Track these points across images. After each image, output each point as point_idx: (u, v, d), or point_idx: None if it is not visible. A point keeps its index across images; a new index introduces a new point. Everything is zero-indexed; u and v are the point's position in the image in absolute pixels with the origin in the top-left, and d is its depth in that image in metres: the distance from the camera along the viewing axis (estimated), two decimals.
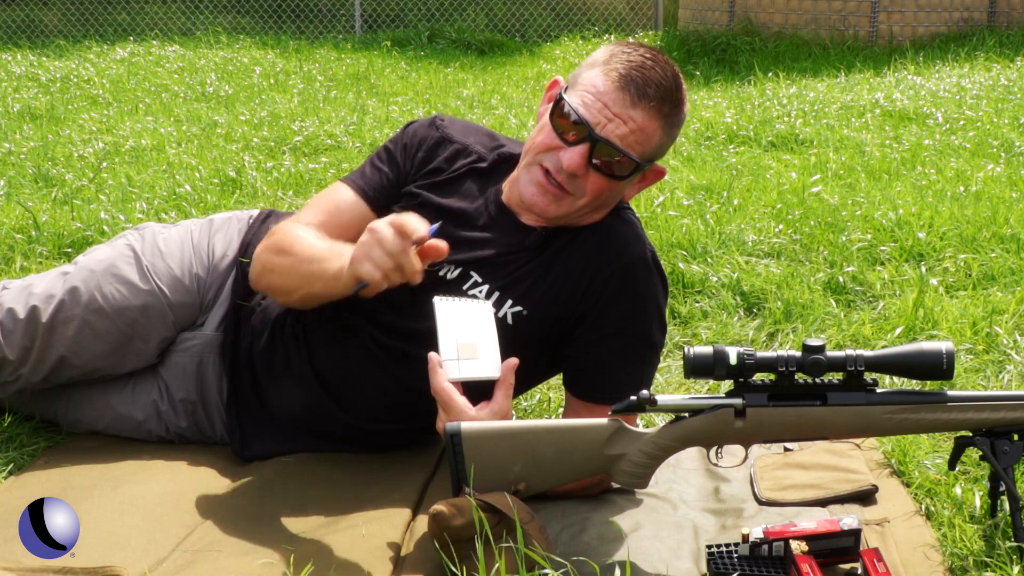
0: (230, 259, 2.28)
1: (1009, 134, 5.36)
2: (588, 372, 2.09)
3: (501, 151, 2.18)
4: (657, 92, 1.97)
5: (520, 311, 2.06)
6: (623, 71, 1.97)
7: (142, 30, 10.87)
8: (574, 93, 2.00)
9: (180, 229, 2.33)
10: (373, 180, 2.18)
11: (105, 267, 2.20)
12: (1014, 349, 2.68)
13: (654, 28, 11.32)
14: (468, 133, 2.22)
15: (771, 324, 2.98)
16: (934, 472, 2.09)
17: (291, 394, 2.16)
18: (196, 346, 2.22)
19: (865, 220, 3.71)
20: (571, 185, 2.00)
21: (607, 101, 1.96)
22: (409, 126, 2.24)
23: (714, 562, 1.76)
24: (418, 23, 11.42)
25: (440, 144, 2.19)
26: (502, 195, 2.13)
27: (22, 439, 2.22)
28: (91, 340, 2.16)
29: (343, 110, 6.55)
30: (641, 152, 1.99)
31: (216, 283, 2.26)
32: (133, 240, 2.28)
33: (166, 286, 2.20)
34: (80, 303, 2.15)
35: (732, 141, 5.49)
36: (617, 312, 2.06)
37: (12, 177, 4.51)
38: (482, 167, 2.17)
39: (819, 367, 1.76)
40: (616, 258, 2.06)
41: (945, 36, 9.24)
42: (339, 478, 2.10)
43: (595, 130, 1.96)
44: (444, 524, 1.70)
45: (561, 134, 1.99)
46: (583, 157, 1.97)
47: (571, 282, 2.07)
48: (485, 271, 2.08)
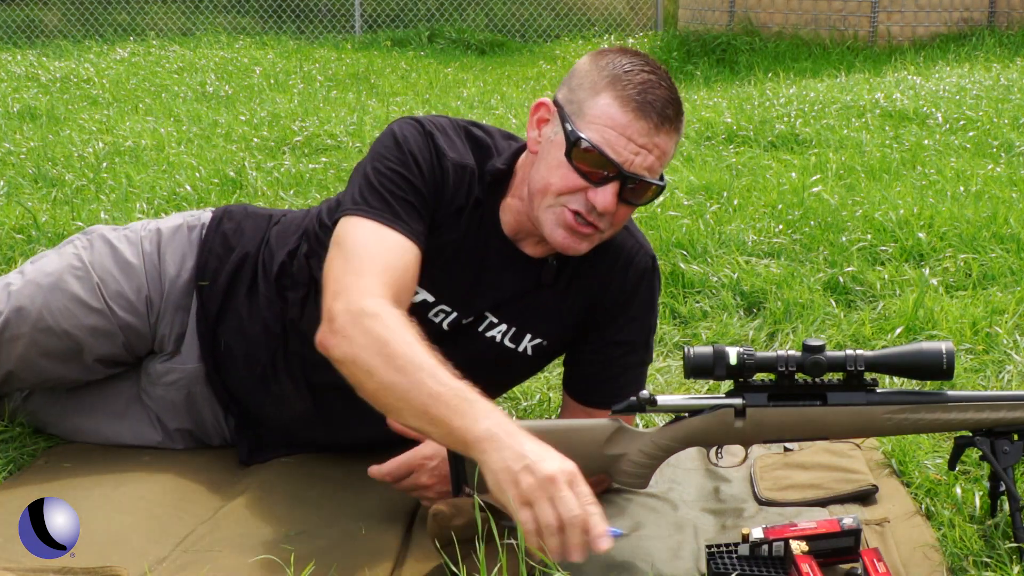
0: (184, 280, 2.15)
1: (1009, 134, 5.36)
2: (591, 379, 2.09)
3: (490, 170, 1.99)
4: (674, 110, 1.85)
5: (540, 343, 2.06)
6: (638, 97, 1.82)
7: (142, 30, 10.87)
8: (588, 127, 1.83)
9: (129, 237, 2.20)
10: (415, 220, 1.91)
11: (53, 282, 2.10)
12: (1014, 349, 2.68)
13: (654, 28, 11.32)
14: (461, 150, 2.00)
15: (771, 324, 2.98)
16: (934, 472, 2.09)
17: (293, 425, 2.15)
18: (181, 380, 2.16)
19: (865, 220, 3.71)
20: (603, 223, 1.89)
21: (631, 134, 1.82)
22: (409, 145, 1.95)
23: (714, 562, 1.75)
24: (418, 23, 11.42)
25: (456, 173, 1.97)
26: (501, 225, 2.00)
27: (22, 439, 2.22)
28: (38, 356, 2.09)
29: (343, 110, 6.55)
30: (662, 173, 1.91)
31: (170, 307, 2.15)
32: (82, 249, 2.17)
33: (117, 306, 2.11)
34: (28, 321, 2.07)
35: (732, 141, 5.49)
36: (625, 322, 2.07)
37: (12, 177, 4.50)
38: (477, 196, 1.99)
39: (819, 367, 1.76)
40: (624, 271, 2.05)
41: (945, 36, 9.24)
42: (339, 478, 2.10)
43: (624, 168, 1.82)
44: (444, 524, 1.70)
45: (585, 175, 1.84)
46: (615, 195, 1.84)
47: (586, 303, 2.05)
48: (501, 312, 2.04)
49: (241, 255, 2.15)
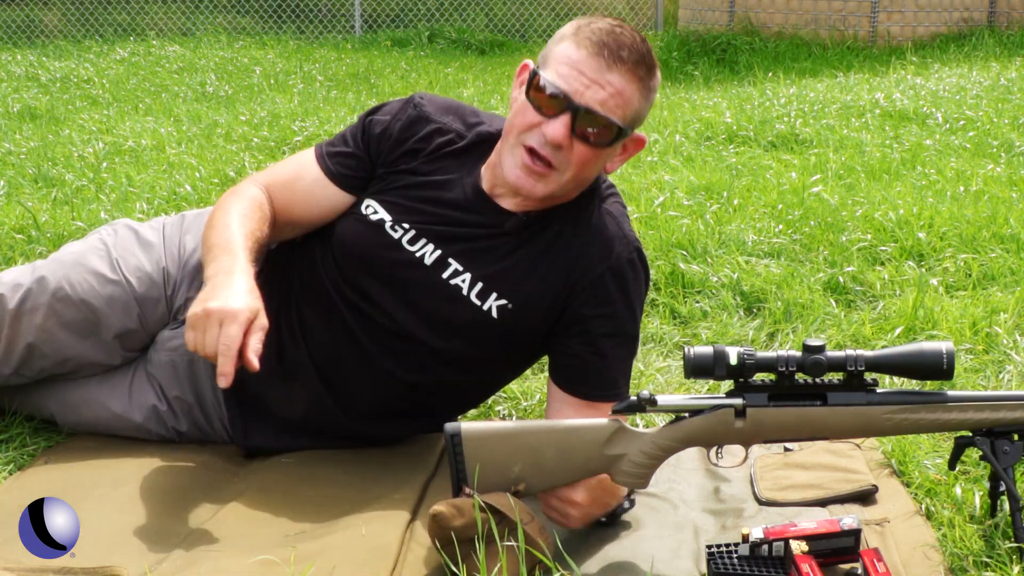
0: (201, 255, 2.22)
1: (1009, 134, 5.36)
2: (574, 368, 2.07)
3: (479, 130, 2.13)
4: (631, 55, 1.93)
5: (505, 304, 2.04)
6: (594, 38, 1.93)
7: (142, 30, 10.87)
8: (547, 69, 1.96)
9: (153, 225, 2.32)
10: (341, 163, 2.16)
11: (75, 259, 2.19)
12: (1014, 349, 2.68)
13: (654, 28, 11.32)
14: (447, 112, 2.17)
15: (771, 324, 2.98)
16: (934, 472, 2.09)
17: (289, 389, 2.15)
18: (184, 346, 2.15)
19: (865, 220, 3.71)
20: (556, 159, 1.95)
21: (582, 68, 1.92)
22: (386, 104, 2.21)
23: (714, 562, 1.76)
24: (418, 23, 11.42)
25: (416, 123, 2.15)
26: (480, 181, 2.09)
27: (22, 439, 2.22)
28: (57, 328, 2.14)
29: (343, 110, 6.55)
30: (622, 116, 1.95)
31: (186, 280, 2.23)
32: (106, 235, 2.27)
33: (134, 278, 2.18)
34: (47, 291, 2.13)
35: (732, 141, 5.49)
36: (606, 314, 2.04)
37: (12, 177, 4.51)
38: (459, 147, 2.12)
39: (819, 367, 1.76)
40: (604, 259, 2.04)
41: (945, 36, 9.24)
42: (339, 478, 2.10)
43: (574, 98, 1.92)
44: (444, 524, 1.70)
45: (539, 109, 1.94)
46: (566, 127, 1.93)
47: (559, 282, 2.04)
48: (464, 257, 2.06)
49: None
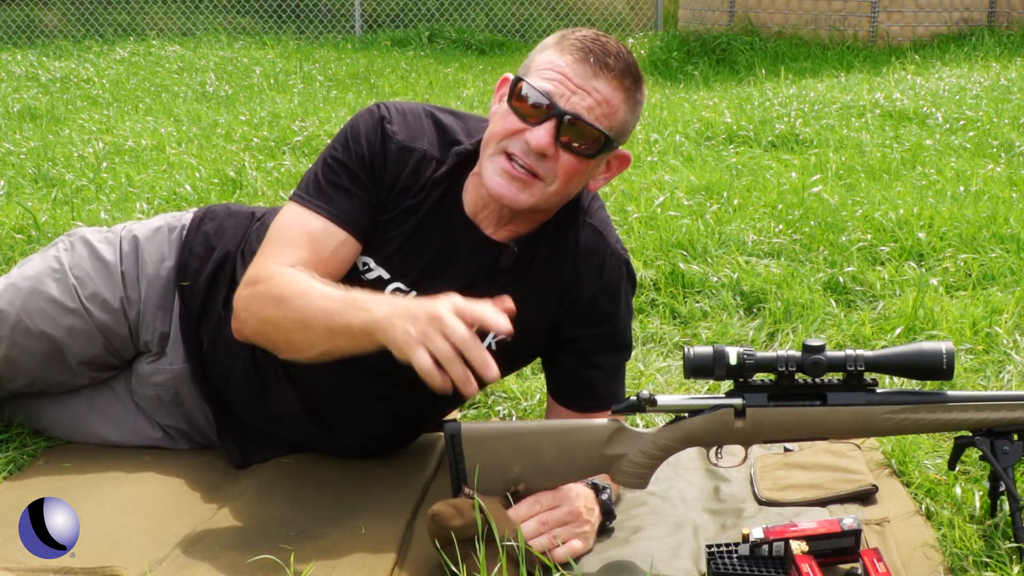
0: (164, 280, 2.15)
1: (1009, 134, 5.36)
2: (571, 384, 2.07)
3: (456, 149, 1.98)
4: (617, 63, 1.85)
5: (503, 339, 1.95)
6: (579, 44, 1.85)
7: (142, 30, 10.87)
8: (530, 77, 1.87)
9: (110, 240, 2.20)
10: (347, 206, 1.94)
11: (32, 285, 2.11)
12: (1014, 349, 2.68)
13: (654, 28, 11.32)
14: (417, 133, 1.99)
15: (771, 324, 2.98)
16: (934, 472, 2.09)
17: (278, 420, 2.13)
18: (168, 381, 2.15)
19: (865, 220, 3.71)
20: (541, 167, 1.85)
21: (568, 74, 1.84)
22: (356, 133, 1.98)
23: (714, 562, 1.75)
24: (418, 23, 11.43)
25: (400, 156, 1.97)
26: (463, 206, 1.97)
27: (22, 439, 2.22)
28: (22, 358, 2.11)
29: (343, 110, 6.55)
30: (608, 126, 1.86)
31: (151, 307, 2.14)
32: (63, 251, 2.18)
33: (93, 306, 2.11)
34: (7, 324, 2.09)
35: (732, 141, 5.49)
36: (601, 332, 2.04)
37: (12, 177, 4.51)
38: (440, 174, 1.97)
39: (819, 367, 1.76)
40: (596, 280, 2.01)
41: (945, 36, 9.24)
42: (339, 478, 2.10)
43: (559, 104, 1.82)
44: (444, 524, 1.70)
45: (523, 117, 1.85)
46: (551, 135, 1.83)
47: (553, 308, 2.01)
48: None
49: (222, 254, 2.14)
